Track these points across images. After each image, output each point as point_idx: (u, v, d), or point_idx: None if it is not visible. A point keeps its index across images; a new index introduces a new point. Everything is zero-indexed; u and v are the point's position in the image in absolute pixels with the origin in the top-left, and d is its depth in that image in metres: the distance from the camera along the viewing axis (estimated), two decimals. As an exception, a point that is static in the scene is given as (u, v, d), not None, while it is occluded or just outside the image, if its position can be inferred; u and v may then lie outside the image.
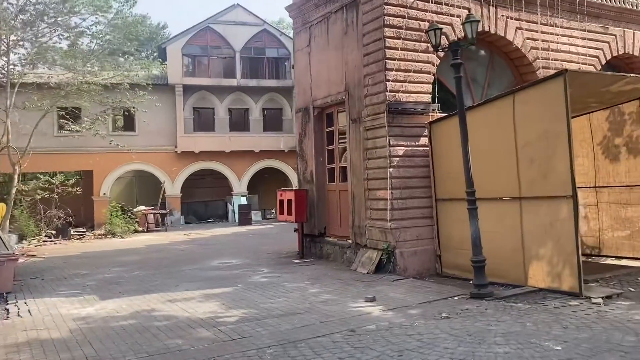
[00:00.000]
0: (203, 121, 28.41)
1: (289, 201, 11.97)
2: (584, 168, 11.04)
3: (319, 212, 12.13)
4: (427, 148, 9.86)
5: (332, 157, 11.97)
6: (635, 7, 13.12)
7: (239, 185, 28.59)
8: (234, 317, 7.09)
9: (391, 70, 9.64)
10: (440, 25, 8.36)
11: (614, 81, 8.56)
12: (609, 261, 10.46)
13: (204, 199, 29.80)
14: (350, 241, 10.93)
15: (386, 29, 9.65)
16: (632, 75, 8.50)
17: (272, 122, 29.57)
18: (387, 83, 9.62)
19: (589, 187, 10.98)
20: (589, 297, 7.27)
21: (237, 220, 26.05)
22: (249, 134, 28.93)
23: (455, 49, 7.75)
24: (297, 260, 11.90)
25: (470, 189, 7.77)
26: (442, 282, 9.07)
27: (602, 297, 7.28)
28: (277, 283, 9.42)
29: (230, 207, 28.61)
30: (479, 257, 7.61)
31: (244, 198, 27.76)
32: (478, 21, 7.64)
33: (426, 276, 9.58)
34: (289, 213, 11.95)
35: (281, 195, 12.36)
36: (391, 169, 9.61)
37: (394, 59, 9.67)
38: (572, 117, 10.88)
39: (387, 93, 9.62)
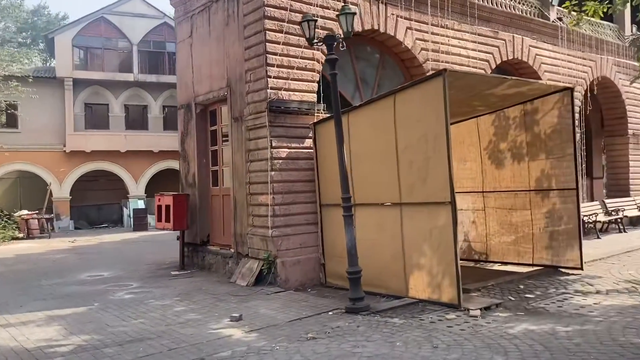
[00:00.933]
0: (96, 118, 26.32)
1: (167, 207, 10.91)
2: (472, 172, 10.92)
3: (202, 218, 11.17)
4: (312, 150, 9.24)
5: (217, 158, 11.06)
6: (524, 14, 13.33)
7: (136, 187, 26.79)
8: (69, 346, 6.03)
9: (273, 65, 8.92)
10: (315, 17, 7.73)
11: (496, 83, 8.35)
12: (496, 267, 10.35)
13: (97, 203, 27.62)
14: (232, 250, 10.08)
15: (267, 21, 8.91)
16: (512, 77, 8.34)
17: (173, 120, 27.86)
18: (269, 79, 8.88)
19: (477, 192, 10.86)
20: (468, 309, 6.92)
21: (132, 225, 24.32)
22: (148, 133, 27.20)
23: (330, 43, 7.14)
24: (176, 272, 10.87)
25: (346, 195, 7.20)
26: (324, 293, 8.46)
27: (480, 309, 6.94)
28: (140, 300, 8.38)
29: (125, 212, 26.71)
30: (355, 268, 7.05)
31: (142, 201, 26.01)
32: (354, 14, 7.10)
33: (309, 287, 8.94)
34: (167, 220, 10.89)
35: (159, 200, 11.26)
36: (273, 172, 8.88)
37: (275, 54, 8.95)
38: (461, 121, 10.84)
39: (269, 90, 8.88)
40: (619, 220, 14.84)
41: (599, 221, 13.97)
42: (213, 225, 11.09)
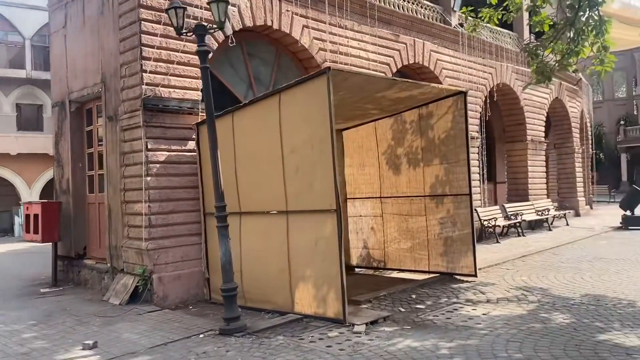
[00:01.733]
0: (-19, 118, 23.95)
1: (36, 216, 9.69)
2: (371, 178, 10.58)
3: (77, 229, 10.04)
4: (195, 153, 8.45)
5: (93, 162, 9.98)
6: (425, 18, 13.25)
7: (29, 193, 24.58)
8: None
9: (149, 59, 8.06)
10: (183, 5, 6.98)
11: (385, 85, 7.97)
12: (394, 274, 10.05)
13: (-17, 210, 25.11)
14: (108, 264, 9.06)
15: (143, 10, 8.05)
16: (402, 80, 8.02)
17: (72, 121, 26.00)
18: (144, 74, 8.01)
19: (376, 198, 10.52)
20: (353, 325, 6.43)
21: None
22: (43, 134, 25.04)
23: (200, 34, 6.43)
24: (46, 289, 9.66)
25: (220, 203, 6.51)
26: (205, 311, 7.70)
27: (366, 324, 6.49)
28: (-14, 326, 7.22)
29: (17, 220, 24.39)
30: (229, 285, 6.37)
31: (34, 209, 23.82)
32: (227, 2, 6.41)
33: (192, 304, 8.14)
34: (36, 231, 9.68)
35: (27, 209, 10.02)
36: (149, 178, 8.01)
37: (152, 47, 8.10)
38: (361, 124, 10.49)
39: (144, 86, 8.01)
40: (517, 224, 15.16)
41: (499, 225, 14.15)
42: (90, 237, 10.00)
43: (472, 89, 14.51)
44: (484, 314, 6.88)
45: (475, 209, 14.23)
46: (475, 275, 9.12)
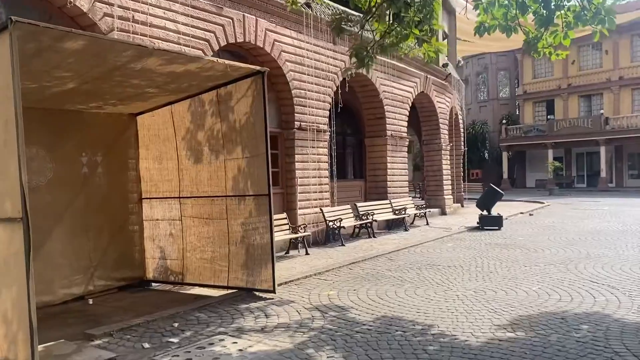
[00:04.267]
0: None
1: None
2: (169, 173, 8.81)
3: None
4: None
5: None
6: (261, -7, 11.67)
7: None
8: None
9: None
10: None
11: (135, 54, 6.14)
12: (194, 290, 8.37)
13: None
14: None
15: None
16: (157, 48, 6.32)
17: None
18: None
19: (174, 198, 8.77)
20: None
21: None
22: None
23: None
24: None
25: None
26: None
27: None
28: None
29: None
30: None
31: None
32: None
33: None
34: None
35: None
36: None
37: None
38: (155, 109, 8.68)
39: None
40: (368, 224, 14.08)
41: (344, 227, 12.93)
42: None
43: (320, 77, 13.19)
44: (239, 351, 5.36)
45: (321, 209, 13.00)
46: (274, 292, 7.66)
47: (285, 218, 11.68)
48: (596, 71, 40.31)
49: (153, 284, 8.99)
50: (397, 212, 15.67)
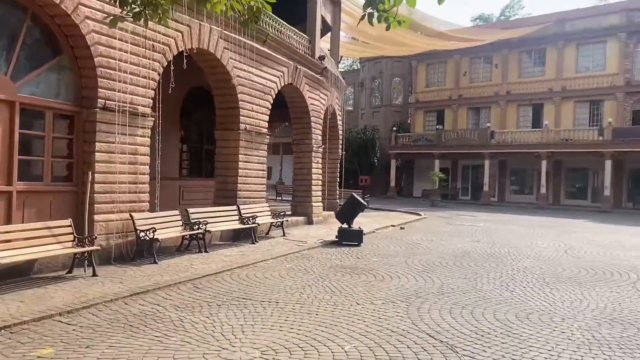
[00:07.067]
0: None
1: None
2: None
3: None
4: None
5: None
6: None
7: None
8: None
9: None
10: None
11: None
12: None
13: None
14: None
15: None
16: None
17: None
18: None
19: None
20: None
21: None
22: None
23: None
24: None
25: None
26: None
27: None
28: None
29: None
30: None
31: None
32: None
33: None
34: None
35: None
36: None
37: None
38: None
39: None
40: (200, 236, 11.45)
41: (157, 239, 10.16)
42: None
43: (140, 46, 10.35)
44: None
45: (131, 214, 10.22)
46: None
47: (70, 226, 8.76)
48: (486, 84, 40.63)
49: None
50: (245, 220, 13.19)
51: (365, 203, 14.47)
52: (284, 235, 14.60)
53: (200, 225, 11.39)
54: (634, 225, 22.24)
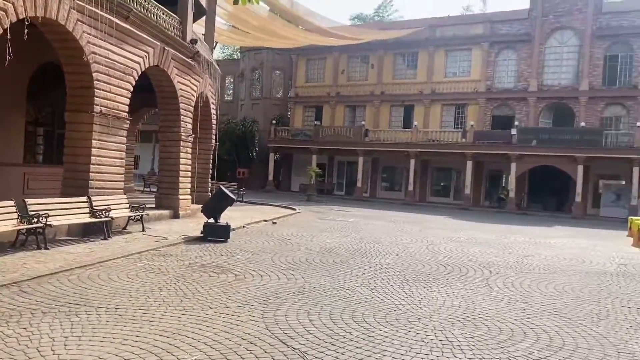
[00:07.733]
0: None
1: None
2: None
3: None
4: None
5: None
6: None
7: None
8: None
9: None
10: None
11: None
12: None
13: None
14: None
15: None
16: None
17: None
18: None
19: None
20: None
21: None
22: None
23: None
24: None
25: None
26: None
27: None
28: None
29: None
30: None
31: None
32: None
33: None
34: None
35: None
36: None
37: None
38: None
39: None
40: (39, 230, 10.05)
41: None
42: None
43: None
44: None
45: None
46: None
47: None
48: (362, 83, 41.68)
49: None
50: (97, 214, 11.89)
51: (234, 197, 13.80)
52: (143, 230, 13.46)
53: (40, 219, 9.99)
54: (489, 222, 23.94)
